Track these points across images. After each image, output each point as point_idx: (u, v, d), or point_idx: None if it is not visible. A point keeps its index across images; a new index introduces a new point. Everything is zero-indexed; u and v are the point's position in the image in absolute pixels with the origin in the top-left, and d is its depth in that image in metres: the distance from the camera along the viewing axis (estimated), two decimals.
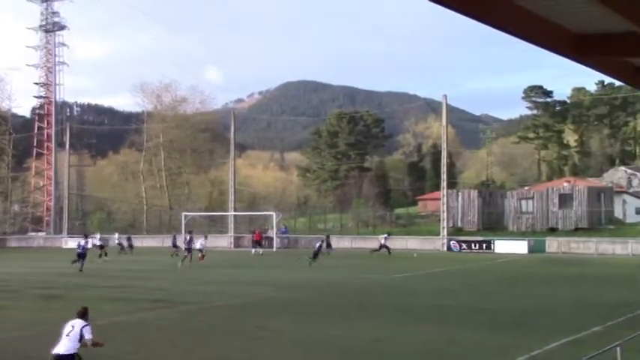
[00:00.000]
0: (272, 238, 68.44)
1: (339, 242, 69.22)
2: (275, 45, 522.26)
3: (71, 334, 12.50)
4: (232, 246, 71.62)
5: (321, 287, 32.36)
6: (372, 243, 65.34)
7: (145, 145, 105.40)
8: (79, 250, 43.96)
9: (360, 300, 27.33)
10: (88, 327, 12.56)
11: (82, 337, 12.42)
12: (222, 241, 71.71)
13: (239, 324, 21.56)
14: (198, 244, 50.32)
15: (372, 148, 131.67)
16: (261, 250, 59.91)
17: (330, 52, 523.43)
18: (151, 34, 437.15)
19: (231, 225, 74.25)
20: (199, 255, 49.18)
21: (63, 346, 12.45)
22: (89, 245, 47.12)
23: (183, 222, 70.43)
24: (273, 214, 71.56)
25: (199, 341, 18.86)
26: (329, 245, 57.16)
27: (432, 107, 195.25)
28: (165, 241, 69.56)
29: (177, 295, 29.33)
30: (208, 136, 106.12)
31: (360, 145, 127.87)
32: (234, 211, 75.72)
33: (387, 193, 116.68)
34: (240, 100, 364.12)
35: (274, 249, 66.29)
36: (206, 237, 55.45)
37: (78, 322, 12.63)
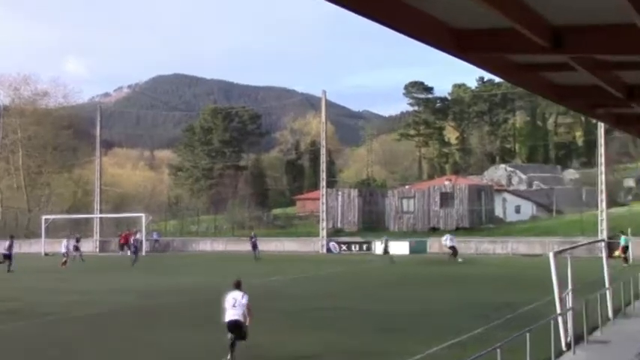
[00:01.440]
0: (141, 242, 67.12)
1: (212, 245, 68.91)
2: (145, 37, 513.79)
3: (237, 304, 16.88)
4: (98, 250, 69.96)
5: (191, 293, 31.96)
6: (247, 245, 65.40)
7: (0, 141, 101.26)
8: None
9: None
10: (246, 295, 17.12)
11: (243, 304, 16.89)
12: (87, 245, 69.85)
13: (104, 335, 20.98)
14: (62, 246, 48.94)
15: (248, 145, 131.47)
16: (129, 253, 58.95)
17: (204, 45, 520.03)
18: (7, 24, 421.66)
19: (96, 228, 72.50)
20: (62, 260, 47.58)
21: (234, 315, 16.80)
22: None
23: (43, 225, 68.22)
24: (142, 215, 70.33)
25: (61, 356, 18.22)
26: (255, 246, 55.97)
27: (310, 103, 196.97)
28: (22, 246, 67.07)
29: (35, 305, 28.26)
30: (72, 133, 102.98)
31: (236, 142, 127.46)
32: (100, 212, 73.97)
33: (263, 193, 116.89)
34: (107, 95, 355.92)
35: (143, 253, 65.03)
36: (78, 240, 53.56)
37: (237, 293, 17.13)
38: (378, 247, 58.96)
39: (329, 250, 62.30)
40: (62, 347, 19.31)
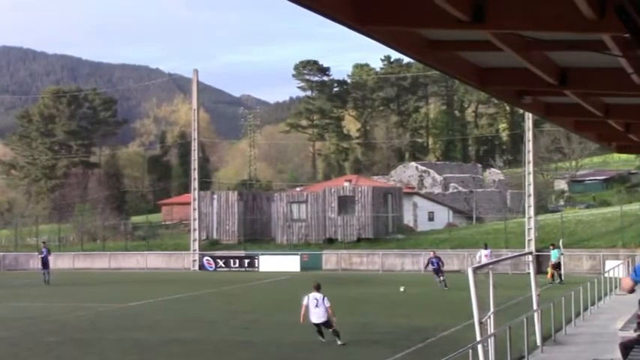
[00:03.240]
0: None
1: (56, 261, 67.54)
2: None
3: (319, 304, 23.31)
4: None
5: (31, 322, 31.31)
6: (100, 261, 64.63)
7: None
8: None
9: (84, 337, 26.76)
10: (326, 297, 23.59)
11: (325, 304, 23.37)
12: None
13: None
14: None
15: (100, 137, 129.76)
16: None
17: (42, 10, 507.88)
18: None
19: None
20: None
21: (318, 315, 23.44)
22: None
23: None
24: None
25: None
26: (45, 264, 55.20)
27: (178, 85, 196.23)
28: None
29: None
30: None
31: (85, 133, 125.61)
32: None
33: (121, 197, 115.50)
34: None
35: None
36: None
37: (318, 295, 23.63)
38: (263, 263, 59.19)
39: (202, 266, 62.00)
40: None
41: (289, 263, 58.47)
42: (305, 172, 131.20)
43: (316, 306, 23.38)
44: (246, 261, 61.06)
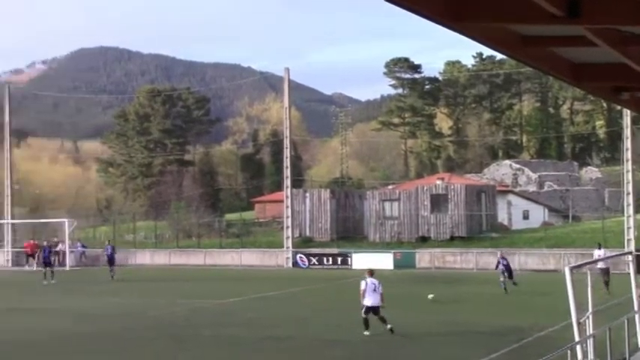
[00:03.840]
0: (64, 254, 67.12)
1: (152, 257, 68.81)
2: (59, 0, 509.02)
3: (377, 289, 25.22)
4: (10, 264, 69.60)
5: (130, 317, 31.92)
6: (196, 257, 65.58)
7: None
8: None
9: (179, 333, 27.14)
10: (380, 284, 25.59)
11: (380, 291, 25.30)
12: None
13: None
14: None
15: (194, 135, 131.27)
16: (35, 267, 59.54)
17: (139, 11, 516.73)
18: None
19: (7, 237, 72.03)
20: None
21: (374, 299, 25.10)
22: None
23: None
24: (66, 221, 69.99)
25: None
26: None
27: (270, 84, 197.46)
28: None
29: None
30: None
31: (179, 131, 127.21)
32: (12, 218, 73.41)
33: (215, 194, 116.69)
34: (17, 72, 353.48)
35: (67, 267, 64.91)
36: None
37: (375, 280, 25.49)
38: (356, 261, 59.27)
39: (296, 263, 62.37)
40: None
41: (382, 261, 58.30)
42: (397, 170, 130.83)
43: (374, 290, 25.23)
44: (339, 258, 61.20)
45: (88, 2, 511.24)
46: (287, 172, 66.15)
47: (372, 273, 25.97)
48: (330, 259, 61.49)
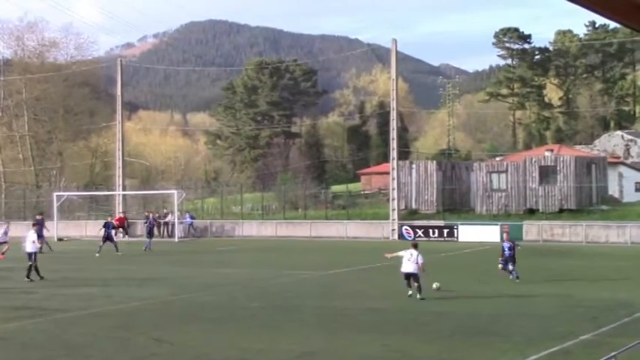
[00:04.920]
0: (173, 225, 68.42)
1: (259, 229, 69.45)
2: None
3: (411, 259, 27.67)
4: (121, 235, 71.10)
5: (235, 287, 32.33)
6: (302, 229, 66.03)
7: (2, 103, 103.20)
8: None
9: (285, 303, 27.36)
10: (421, 255, 27.86)
11: (417, 261, 27.63)
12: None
13: (129, 336, 21.34)
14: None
15: (301, 107, 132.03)
16: (125, 237, 60.83)
17: None
18: None
19: (119, 208, 73.61)
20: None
21: (410, 266, 27.79)
22: None
23: (55, 204, 69.48)
24: (175, 192, 71.27)
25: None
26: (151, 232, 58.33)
27: (377, 55, 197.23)
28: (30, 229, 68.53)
29: (47, 299, 28.93)
30: (88, 92, 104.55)
31: (287, 103, 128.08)
32: (124, 189, 75.01)
33: (321, 166, 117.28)
34: (129, 46, 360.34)
35: (176, 239, 66.14)
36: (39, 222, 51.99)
37: (414, 251, 27.89)
38: (462, 234, 58.94)
39: (401, 236, 62.27)
40: (73, 349, 19.71)
41: (489, 234, 57.81)
42: (505, 141, 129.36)
43: (408, 259, 27.87)
44: (445, 231, 60.90)
45: None
46: (393, 144, 66.00)
47: (415, 246, 28.86)
48: (437, 231, 61.23)
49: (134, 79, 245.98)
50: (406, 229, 62.42)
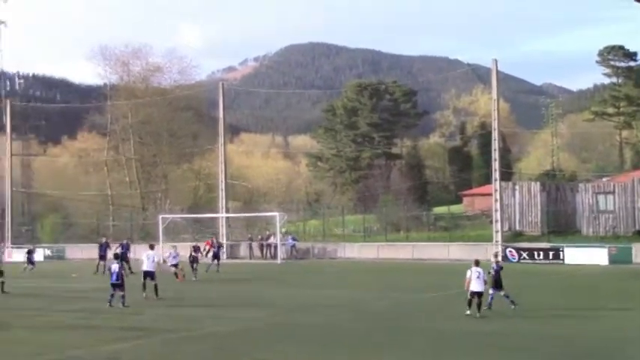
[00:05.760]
0: (275, 247, 68.91)
1: (361, 251, 69.42)
2: None
3: (480, 277, 27.92)
4: (225, 256, 71.79)
5: (338, 309, 32.32)
6: (404, 251, 65.72)
7: (109, 127, 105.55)
8: None
9: (387, 325, 27.24)
10: (484, 271, 28.32)
11: (484, 278, 28.15)
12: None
13: (236, 357, 21.53)
14: (169, 257, 48.59)
15: (401, 129, 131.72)
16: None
17: (346, 6, 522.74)
18: None
19: (222, 230, 74.41)
20: (176, 271, 47.56)
21: (479, 285, 27.87)
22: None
23: (160, 226, 70.60)
24: (277, 214, 71.69)
25: None
26: (216, 256, 56.02)
27: (478, 75, 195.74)
28: (137, 251, 69.89)
29: (155, 320, 29.36)
30: (191, 116, 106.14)
31: (387, 125, 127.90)
32: (227, 211, 75.80)
33: (422, 187, 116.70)
34: (231, 69, 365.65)
35: (278, 261, 66.52)
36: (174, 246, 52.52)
37: (479, 269, 28.18)
38: (568, 256, 57.95)
39: (505, 258, 61.49)
40: None
41: (596, 256, 56.75)
42: (611, 161, 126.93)
43: (477, 277, 28.02)
44: (551, 253, 59.93)
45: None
46: (495, 165, 65.35)
47: (477, 263, 28.69)
48: (542, 253, 60.30)
49: (236, 102, 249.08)
50: (510, 252, 61.66)
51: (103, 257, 55.27)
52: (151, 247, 39.74)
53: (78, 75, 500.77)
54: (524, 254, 60.79)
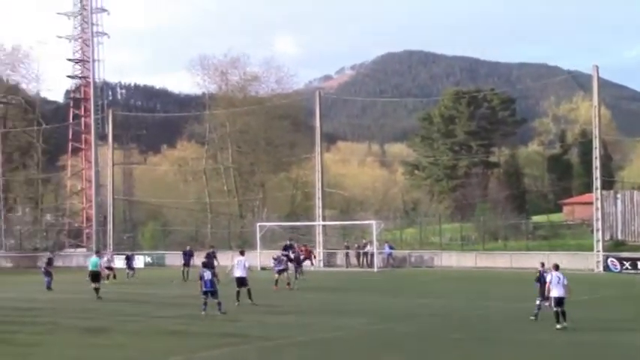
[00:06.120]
0: (372, 255, 68.86)
1: (458, 259, 68.95)
2: (371, 5, 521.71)
3: (560, 282, 27.20)
4: (321, 264, 72.00)
5: (435, 318, 32.12)
6: (502, 260, 65.06)
7: (207, 136, 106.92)
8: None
9: (485, 335, 26.95)
10: (565, 277, 27.25)
11: (565, 283, 27.30)
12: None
13: None
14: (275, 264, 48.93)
15: (499, 137, 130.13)
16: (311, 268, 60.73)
17: (442, 14, 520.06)
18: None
19: (319, 238, 74.61)
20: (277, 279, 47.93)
21: (561, 291, 27.07)
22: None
23: (258, 234, 71.15)
24: (373, 223, 71.62)
25: None
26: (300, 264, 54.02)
27: (578, 82, 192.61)
28: (234, 258, 70.64)
29: (251, 327, 29.55)
30: (288, 125, 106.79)
31: (485, 133, 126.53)
32: (323, 219, 75.98)
33: (521, 196, 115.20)
34: (327, 78, 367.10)
35: (375, 269, 66.46)
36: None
37: (560, 274, 27.38)
38: None
39: (607, 267, 60.36)
40: None
41: None
42: None
43: (558, 282, 27.22)
44: None
45: (392, 5, 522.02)
46: (597, 174, 64.16)
47: (557, 267, 28.02)
48: None
49: (332, 111, 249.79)
50: (612, 261, 60.46)
51: (187, 264, 56.09)
52: (241, 254, 40.25)
53: (177, 85, 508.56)
54: (627, 264, 59.54)
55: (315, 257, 67.77)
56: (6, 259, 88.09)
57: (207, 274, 33.35)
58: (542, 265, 31.64)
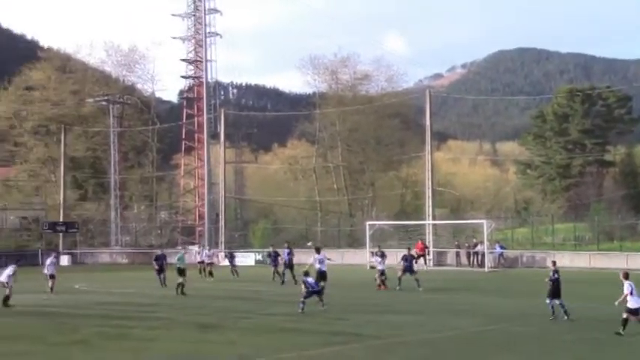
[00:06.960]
0: (483, 255, 68.28)
1: (572, 260, 67.79)
2: (482, 3, 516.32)
3: (633, 292, 25.31)
4: (432, 263, 71.66)
5: (547, 319, 31.61)
6: (617, 261, 63.69)
7: (317, 135, 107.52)
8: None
9: (600, 337, 26.43)
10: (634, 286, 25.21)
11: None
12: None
13: None
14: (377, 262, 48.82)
15: (615, 135, 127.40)
16: (425, 267, 60.84)
17: (556, 11, 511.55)
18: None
19: (429, 237, 74.29)
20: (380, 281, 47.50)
21: (636, 302, 25.17)
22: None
23: (367, 233, 71.21)
24: (484, 222, 70.99)
25: None
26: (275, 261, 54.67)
27: None
28: (345, 257, 71.27)
29: (361, 326, 29.57)
30: (398, 123, 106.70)
31: (600, 131, 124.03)
32: (433, 219, 75.64)
33: (637, 196, 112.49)
34: (437, 76, 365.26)
35: (486, 269, 65.84)
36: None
37: (632, 283, 25.45)
38: None
39: None
40: None
41: None
42: None
43: (631, 293, 25.43)
44: None
45: (505, 4, 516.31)
46: None
47: (627, 276, 26.18)
48: None
49: (443, 109, 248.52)
50: None
51: (274, 264, 54.88)
52: (317, 251, 40.40)
53: (288, 84, 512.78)
54: None
55: (429, 255, 67.90)
56: (122, 256, 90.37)
57: (310, 280, 33.86)
58: (554, 264, 32.13)
